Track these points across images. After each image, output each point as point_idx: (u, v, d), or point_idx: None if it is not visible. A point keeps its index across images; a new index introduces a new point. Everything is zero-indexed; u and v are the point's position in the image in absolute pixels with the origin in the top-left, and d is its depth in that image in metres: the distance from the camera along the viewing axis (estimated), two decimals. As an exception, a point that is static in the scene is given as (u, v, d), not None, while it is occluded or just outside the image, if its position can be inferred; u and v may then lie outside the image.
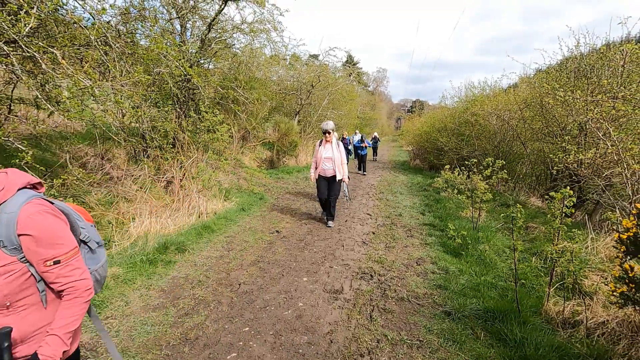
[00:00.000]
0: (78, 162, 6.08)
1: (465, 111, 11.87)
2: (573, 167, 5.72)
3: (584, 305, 3.08)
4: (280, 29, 8.78)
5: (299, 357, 2.59)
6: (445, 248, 4.99)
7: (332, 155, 5.68)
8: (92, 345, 2.61)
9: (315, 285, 3.77)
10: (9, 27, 3.00)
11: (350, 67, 21.86)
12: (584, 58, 6.63)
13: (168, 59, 5.08)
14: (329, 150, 5.72)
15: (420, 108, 38.57)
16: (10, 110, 4.75)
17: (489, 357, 2.63)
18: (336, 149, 5.70)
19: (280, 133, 13.06)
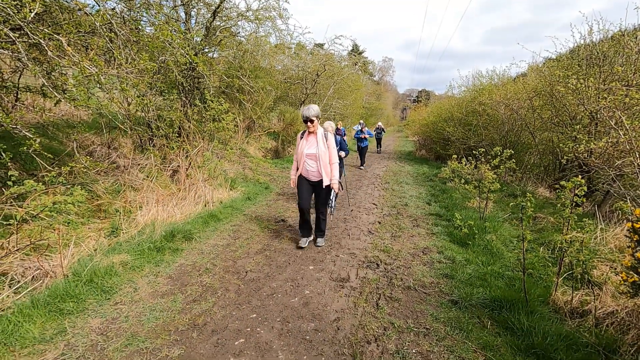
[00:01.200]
0: (85, 150, 6.11)
1: (472, 100, 11.71)
2: (583, 156, 5.63)
3: (592, 295, 3.06)
4: (285, 16, 8.66)
5: (306, 344, 2.61)
6: (452, 238, 4.97)
7: (316, 151, 4.23)
8: (103, 329, 2.65)
9: (321, 274, 3.78)
10: (15, 13, 2.97)
11: (356, 56, 21.59)
12: (597, 45, 6.47)
13: (173, 47, 5.04)
14: (313, 144, 4.29)
15: (427, 98, 38.15)
16: (17, 98, 4.76)
17: (496, 345, 2.62)
18: (323, 143, 4.27)
19: (285, 123, 13.01)
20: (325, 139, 4.27)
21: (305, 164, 4.31)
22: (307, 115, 4.10)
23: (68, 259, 3.43)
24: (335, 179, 4.33)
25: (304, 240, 4.53)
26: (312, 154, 4.25)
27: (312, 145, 4.27)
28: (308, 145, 4.30)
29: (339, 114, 16.93)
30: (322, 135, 4.27)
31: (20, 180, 3.11)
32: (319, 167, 4.24)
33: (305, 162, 4.30)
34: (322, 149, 4.21)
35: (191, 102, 7.32)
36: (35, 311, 2.68)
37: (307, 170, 4.33)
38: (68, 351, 2.39)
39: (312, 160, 4.26)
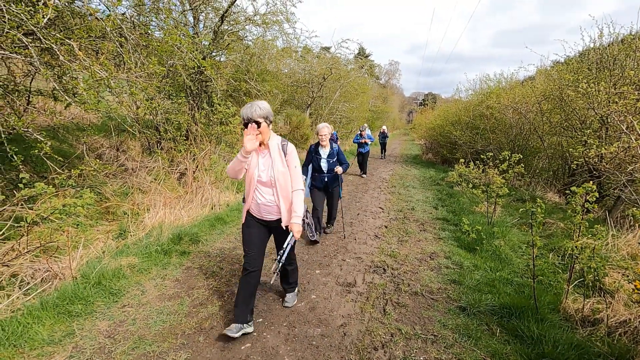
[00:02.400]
0: (94, 153, 6.18)
1: (480, 104, 11.63)
2: (594, 161, 5.55)
3: (604, 303, 3.00)
4: (292, 20, 8.70)
5: (312, 349, 2.59)
6: (459, 243, 4.92)
7: (271, 174, 2.66)
8: (111, 332, 2.66)
9: (327, 278, 3.76)
10: (28, 19, 3.03)
11: (362, 59, 21.62)
12: (607, 49, 6.39)
13: (182, 51, 5.09)
14: (267, 162, 2.68)
15: (433, 101, 38.02)
16: (29, 101, 4.83)
17: (505, 353, 2.58)
18: (280, 160, 2.67)
19: (291, 126, 13.04)
20: (282, 152, 2.67)
21: (256, 195, 2.69)
22: (249, 115, 2.46)
23: (77, 261, 3.46)
24: (297, 216, 2.67)
25: (234, 329, 2.60)
26: (265, 182, 2.65)
27: (266, 163, 2.65)
28: (262, 163, 2.66)
29: (345, 117, 16.95)
30: (278, 148, 2.65)
31: (31, 183, 3.15)
32: (277, 199, 2.66)
33: (257, 192, 2.69)
34: (279, 169, 2.62)
35: (199, 106, 7.37)
36: (44, 313, 2.70)
37: (259, 203, 2.68)
38: (76, 353, 2.41)
39: (267, 188, 2.67)
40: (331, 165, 4.82)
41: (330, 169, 4.82)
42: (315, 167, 4.83)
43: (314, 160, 4.82)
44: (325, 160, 4.81)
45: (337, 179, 4.95)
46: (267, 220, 2.77)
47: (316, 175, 4.86)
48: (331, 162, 4.82)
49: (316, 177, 4.86)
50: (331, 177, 4.87)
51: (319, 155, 4.83)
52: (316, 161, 4.81)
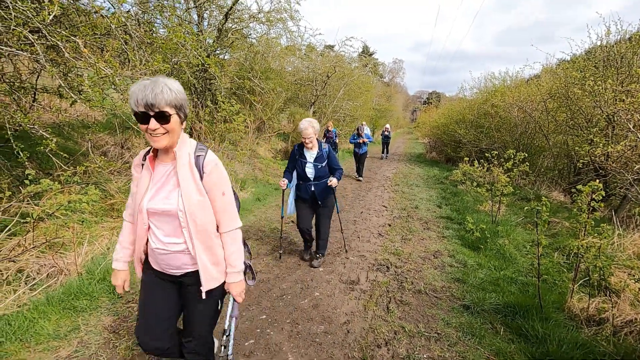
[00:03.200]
0: (99, 150, 6.21)
1: (484, 102, 11.56)
2: (600, 160, 5.50)
3: (610, 302, 2.97)
4: (297, 18, 8.69)
5: (315, 346, 2.60)
6: (463, 241, 4.90)
7: (177, 204, 1.52)
8: (115, 327, 2.68)
9: (331, 276, 3.76)
10: (34, 16, 3.04)
11: (366, 57, 21.56)
12: (614, 46, 6.32)
13: (186, 48, 5.09)
14: (169, 183, 1.57)
15: (437, 100, 37.87)
16: (34, 99, 4.86)
17: (510, 352, 2.57)
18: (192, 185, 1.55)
19: (295, 124, 13.02)
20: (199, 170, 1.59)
21: (150, 238, 1.65)
22: (150, 100, 1.38)
23: (82, 257, 3.49)
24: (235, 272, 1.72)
25: None
26: (165, 211, 1.56)
27: (164, 185, 1.59)
28: (151, 188, 1.60)
29: (349, 116, 16.91)
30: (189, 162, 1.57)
31: (37, 179, 3.17)
32: (189, 242, 1.60)
33: (151, 233, 1.64)
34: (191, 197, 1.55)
35: (203, 103, 7.39)
36: (50, 308, 2.72)
37: (154, 249, 1.65)
38: (81, 348, 2.42)
39: (166, 223, 1.59)
40: (320, 172, 3.72)
41: (320, 176, 3.74)
42: (300, 173, 3.77)
43: (297, 165, 3.77)
44: (311, 166, 3.72)
45: (326, 189, 3.81)
46: (171, 275, 1.65)
47: (301, 183, 3.83)
48: (319, 167, 3.71)
49: (301, 186, 3.83)
50: (320, 187, 3.76)
51: (303, 158, 3.75)
52: (300, 166, 3.74)
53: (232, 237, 1.68)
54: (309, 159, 3.75)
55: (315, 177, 3.74)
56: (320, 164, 3.74)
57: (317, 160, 3.73)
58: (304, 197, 3.81)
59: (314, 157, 3.74)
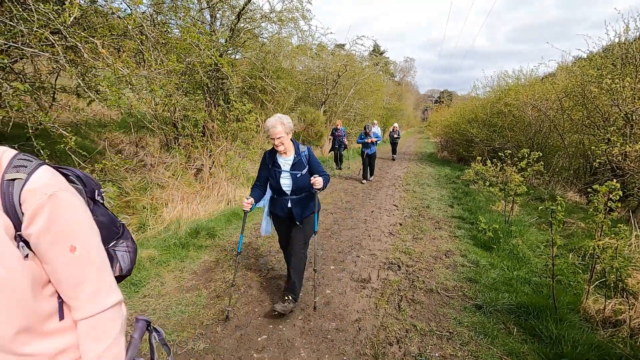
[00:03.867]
0: (114, 149, 6.35)
1: (498, 101, 11.40)
2: (617, 160, 5.39)
3: (627, 304, 2.92)
4: (308, 17, 8.71)
5: (327, 343, 2.62)
6: (475, 241, 4.86)
7: None
8: (132, 321, 2.75)
9: (342, 274, 3.78)
10: (55, 17, 3.14)
11: (377, 56, 21.46)
12: (633, 43, 6.17)
13: (200, 48, 5.17)
14: None
15: (449, 98, 37.46)
16: (54, 98, 5.00)
17: (523, 353, 2.55)
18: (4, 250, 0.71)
19: (306, 123, 13.07)
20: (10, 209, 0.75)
21: None
22: None
23: (99, 252, 3.58)
24: None
25: None
26: None
27: None
28: None
29: (360, 115, 16.88)
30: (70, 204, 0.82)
31: (57, 176, 3.27)
32: None
33: None
34: None
35: (215, 103, 7.48)
36: (70, 301, 2.80)
37: None
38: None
39: None
40: (299, 183, 2.90)
41: (299, 188, 2.90)
42: (273, 185, 2.94)
43: (270, 176, 2.93)
44: (288, 176, 2.89)
45: (308, 204, 3.01)
46: None
47: (276, 198, 3.02)
48: (298, 176, 2.89)
49: (276, 201, 3.02)
50: (300, 203, 2.95)
51: (277, 167, 2.91)
52: (274, 177, 2.90)
53: (97, 328, 0.88)
54: (283, 166, 2.89)
55: (294, 190, 2.90)
56: (299, 171, 2.89)
57: (294, 168, 2.89)
58: (279, 214, 3.01)
59: (290, 164, 2.89)
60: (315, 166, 3.00)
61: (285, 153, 2.90)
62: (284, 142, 2.79)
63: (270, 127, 2.74)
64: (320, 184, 2.86)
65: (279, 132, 2.74)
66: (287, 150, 2.88)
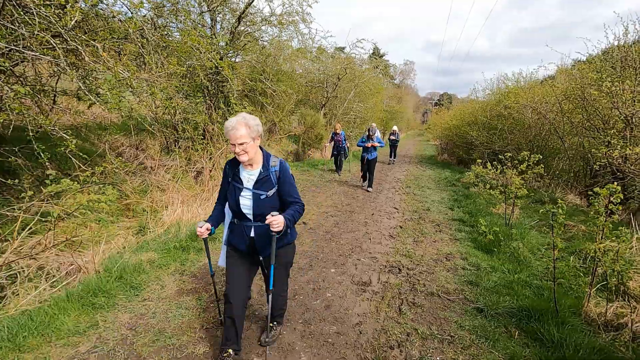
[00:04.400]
0: (115, 151, 6.35)
1: (497, 104, 11.44)
2: (617, 162, 5.39)
3: (629, 307, 2.91)
4: (308, 20, 8.74)
5: (328, 346, 2.61)
6: (476, 244, 4.85)
7: None
8: (132, 324, 2.74)
9: (343, 277, 3.77)
10: (56, 21, 3.14)
11: (377, 59, 21.53)
12: (633, 46, 6.19)
13: (200, 51, 5.18)
14: None
15: (449, 101, 37.52)
16: (54, 101, 5.01)
17: (524, 356, 2.54)
18: None
19: (306, 126, 13.08)
20: None
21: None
22: None
23: (99, 255, 3.57)
24: None
25: None
26: None
27: None
28: None
29: (360, 117, 16.90)
30: None
31: (57, 179, 3.27)
32: None
33: None
34: None
35: (216, 105, 7.48)
36: (70, 304, 2.80)
37: None
38: (100, 344, 2.49)
39: None
40: (264, 205, 2.20)
41: (263, 213, 2.16)
42: (231, 205, 2.27)
43: (229, 193, 2.28)
44: (249, 194, 2.22)
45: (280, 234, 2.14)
46: None
47: (235, 223, 2.33)
48: (262, 197, 2.21)
49: (235, 226, 2.33)
50: (267, 231, 2.14)
51: (237, 181, 2.25)
52: (232, 195, 2.24)
53: None
54: (245, 182, 2.22)
55: (257, 214, 2.20)
56: (264, 192, 2.19)
57: (259, 186, 2.20)
58: (239, 246, 2.30)
59: (253, 179, 2.21)
60: (286, 189, 2.25)
61: (250, 165, 2.21)
62: (247, 150, 2.08)
63: (230, 128, 2.05)
64: (280, 225, 2.02)
65: (241, 136, 2.04)
66: (252, 161, 2.18)
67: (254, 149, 2.15)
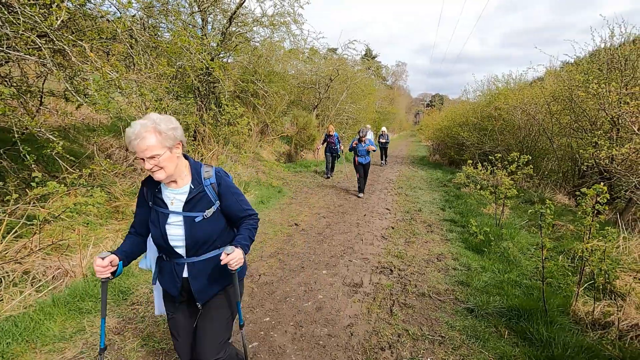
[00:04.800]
0: (104, 153, 6.26)
1: (488, 105, 11.55)
2: (604, 163, 5.48)
3: (615, 306, 2.96)
4: (300, 21, 8.74)
5: (319, 349, 2.60)
6: (467, 244, 4.89)
7: None
8: (120, 329, 2.69)
9: (334, 278, 3.77)
10: (42, 20, 3.09)
11: (369, 60, 21.61)
12: (619, 49, 6.31)
13: (190, 52, 5.14)
14: None
15: (440, 102, 37.85)
16: (41, 102, 4.91)
17: (514, 356, 2.56)
18: None
19: (298, 127, 13.06)
20: None
21: None
22: None
23: (87, 259, 3.51)
24: None
25: None
26: None
27: None
28: None
29: (352, 119, 16.94)
30: None
31: (43, 182, 3.21)
32: None
33: None
34: None
35: (207, 107, 7.43)
36: (55, 310, 2.74)
37: None
38: (87, 349, 2.44)
39: None
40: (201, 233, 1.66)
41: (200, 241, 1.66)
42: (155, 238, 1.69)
43: (151, 220, 1.69)
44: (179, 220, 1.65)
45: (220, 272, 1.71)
46: None
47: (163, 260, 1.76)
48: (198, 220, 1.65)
49: (163, 265, 1.76)
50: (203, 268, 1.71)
51: (160, 205, 1.67)
52: (156, 223, 1.66)
53: None
54: (171, 204, 1.66)
55: (191, 247, 1.66)
56: (200, 213, 1.65)
57: (191, 207, 1.65)
58: (169, 290, 1.74)
59: (182, 200, 1.65)
60: (233, 202, 1.73)
61: (174, 182, 1.63)
62: (163, 164, 1.52)
63: (132, 138, 1.47)
64: (239, 260, 1.55)
65: (150, 146, 1.47)
66: (175, 177, 1.61)
67: (173, 161, 1.56)
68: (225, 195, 1.74)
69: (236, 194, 1.78)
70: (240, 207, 1.78)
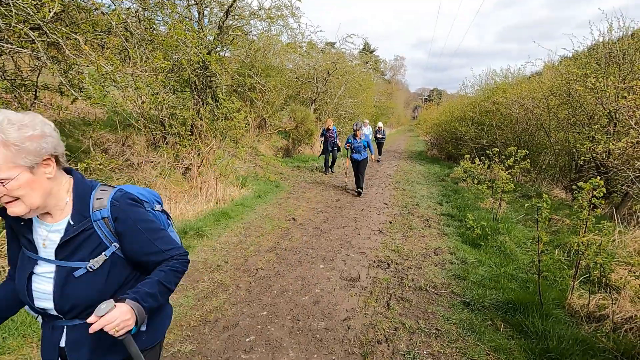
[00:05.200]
0: (100, 148, 6.22)
1: (486, 100, 11.53)
2: (601, 157, 5.49)
3: (610, 299, 2.98)
4: (297, 14, 8.66)
5: (316, 342, 2.61)
6: (464, 238, 4.91)
7: None
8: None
9: (331, 273, 3.77)
10: (34, 13, 3.04)
11: (367, 54, 21.50)
12: (617, 43, 6.29)
13: (187, 45, 5.08)
14: None
15: (439, 97, 37.79)
16: (36, 96, 4.86)
17: (510, 348, 2.58)
18: None
19: (296, 121, 13.02)
20: None
21: None
22: None
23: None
24: None
25: None
26: None
27: None
28: None
29: (350, 113, 16.89)
30: None
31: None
32: None
33: None
34: None
35: (204, 101, 7.38)
36: (52, 304, 2.73)
37: None
38: None
39: None
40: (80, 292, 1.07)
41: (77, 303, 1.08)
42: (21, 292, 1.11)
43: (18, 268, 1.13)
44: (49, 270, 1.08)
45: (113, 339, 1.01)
46: None
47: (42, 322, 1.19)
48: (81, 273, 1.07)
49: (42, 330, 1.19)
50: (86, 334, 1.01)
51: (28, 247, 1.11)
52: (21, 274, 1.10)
53: None
54: (42, 247, 1.10)
55: (67, 309, 1.09)
56: (83, 262, 1.08)
57: (68, 254, 1.08)
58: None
59: (55, 242, 1.08)
60: (141, 243, 1.17)
61: (48, 214, 1.10)
62: (19, 192, 0.97)
63: None
64: (126, 325, 0.99)
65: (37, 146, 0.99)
66: (46, 207, 1.07)
67: (38, 187, 1.01)
68: (129, 234, 1.14)
69: (150, 230, 1.19)
70: (155, 248, 1.18)
